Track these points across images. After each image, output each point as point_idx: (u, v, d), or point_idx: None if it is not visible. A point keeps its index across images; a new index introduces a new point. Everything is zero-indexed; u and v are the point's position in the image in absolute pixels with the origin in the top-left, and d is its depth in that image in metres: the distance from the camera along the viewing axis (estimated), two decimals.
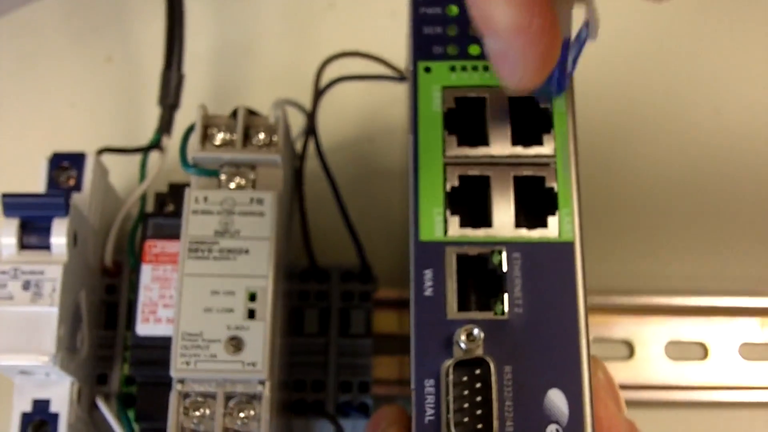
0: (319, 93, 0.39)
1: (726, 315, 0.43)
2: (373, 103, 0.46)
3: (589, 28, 0.28)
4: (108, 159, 0.39)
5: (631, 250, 0.44)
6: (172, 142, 0.40)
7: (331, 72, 0.41)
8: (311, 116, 0.39)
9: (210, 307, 0.32)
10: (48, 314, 0.34)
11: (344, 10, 0.48)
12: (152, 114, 0.41)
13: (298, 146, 0.40)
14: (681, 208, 0.45)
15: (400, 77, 0.40)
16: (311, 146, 0.40)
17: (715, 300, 0.43)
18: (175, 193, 0.39)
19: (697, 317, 0.43)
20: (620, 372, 0.42)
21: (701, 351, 0.42)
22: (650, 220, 0.45)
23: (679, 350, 0.42)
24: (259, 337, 0.32)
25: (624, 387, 0.41)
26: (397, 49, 0.36)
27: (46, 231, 0.34)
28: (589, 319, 0.30)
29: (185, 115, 0.41)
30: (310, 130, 0.39)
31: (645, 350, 0.43)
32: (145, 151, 0.40)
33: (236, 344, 0.32)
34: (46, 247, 0.34)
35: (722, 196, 0.45)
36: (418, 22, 0.33)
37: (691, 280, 0.44)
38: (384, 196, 0.44)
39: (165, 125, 0.40)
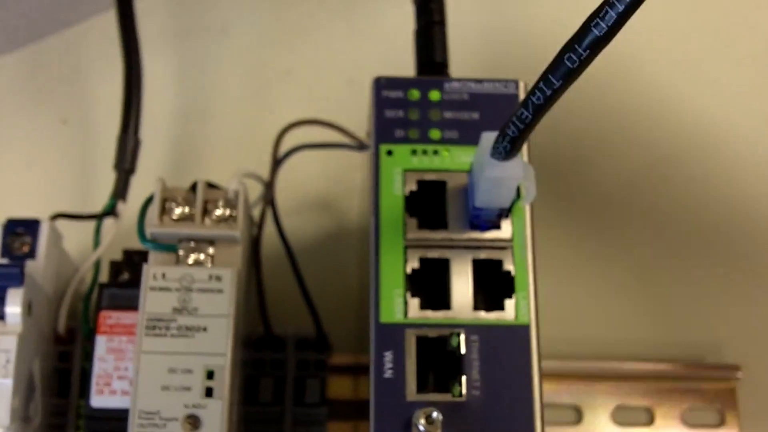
0: (277, 162, 0.39)
1: (670, 380, 0.44)
2: (331, 169, 0.46)
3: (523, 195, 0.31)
4: (62, 223, 0.39)
5: (579, 315, 0.45)
6: (128, 207, 0.40)
7: (290, 138, 0.41)
8: (269, 186, 0.39)
9: (167, 385, 0.32)
10: (2, 386, 0.33)
11: (301, 77, 0.48)
12: (108, 177, 0.41)
13: (256, 213, 0.40)
14: (628, 274, 0.46)
15: (359, 145, 0.41)
16: (269, 213, 0.40)
17: (659, 366, 0.44)
18: (130, 260, 0.39)
19: (643, 382, 0.43)
20: None
21: (646, 416, 0.43)
22: (597, 287, 0.46)
23: (625, 415, 0.43)
24: (216, 416, 0.32)
25: None
26: (354, 115, 0.36)
27: (0, 301, 0.34)
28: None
29: (141, 180, 0.41)
30: (269, 200, 0.39)
31: (593, 415, 0.43)
32: (99, 217, 0.39)
33: (193, 422, 0.32)
34: (1, 317, 0.34)
35: (663, 264, 0.46)
36: (380, 105, 0.33)
37: (637, 345, 0.45)
38: (341, 259, 0.45)
39: (120, 191, 0.40)
